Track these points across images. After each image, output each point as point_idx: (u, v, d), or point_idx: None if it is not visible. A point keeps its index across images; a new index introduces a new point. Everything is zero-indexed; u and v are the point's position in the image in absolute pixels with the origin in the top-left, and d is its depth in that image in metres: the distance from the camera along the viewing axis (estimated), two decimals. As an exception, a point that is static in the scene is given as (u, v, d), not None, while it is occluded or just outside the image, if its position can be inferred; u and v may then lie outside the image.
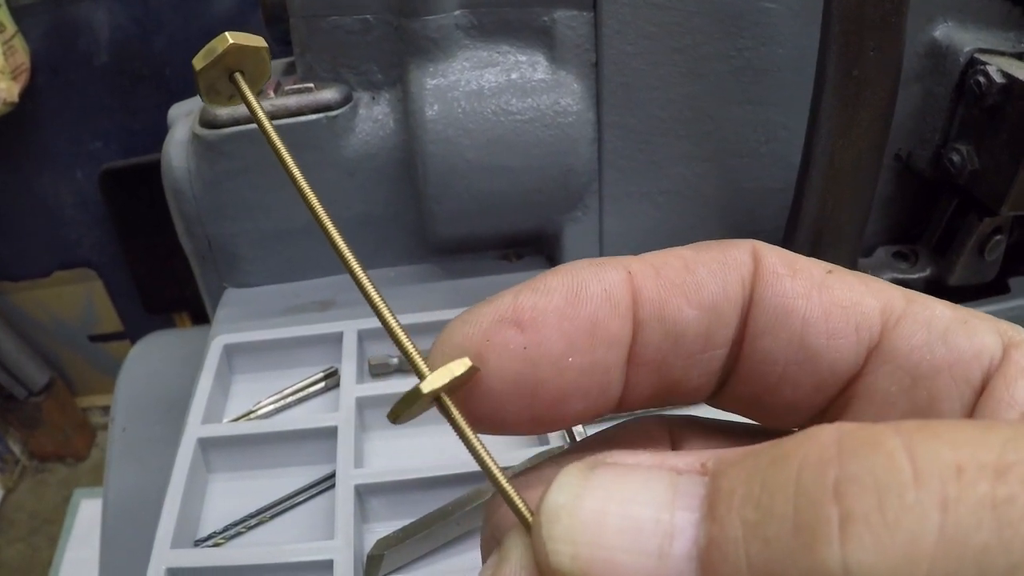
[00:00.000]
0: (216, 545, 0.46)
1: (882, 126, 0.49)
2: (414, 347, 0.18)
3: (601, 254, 0.62)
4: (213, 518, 0.48)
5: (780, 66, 0.54)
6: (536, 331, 0.18)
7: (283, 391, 0.55)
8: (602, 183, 0.58)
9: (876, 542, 0.12)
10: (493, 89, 0.55)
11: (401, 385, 0.53)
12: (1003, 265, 0.60)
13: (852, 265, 0.57)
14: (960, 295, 0.59)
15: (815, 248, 0.55)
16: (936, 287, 0.60)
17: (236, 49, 0.19)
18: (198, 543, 0.46)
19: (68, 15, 1.47)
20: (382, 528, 0.45)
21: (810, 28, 0.49)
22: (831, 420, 0.19)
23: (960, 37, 0.54)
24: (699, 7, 0.52)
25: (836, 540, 0.12)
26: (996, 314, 0.63)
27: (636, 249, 0.69)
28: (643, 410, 0.22)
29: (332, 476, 0.48)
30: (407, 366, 0.56)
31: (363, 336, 0.57)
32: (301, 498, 0.48)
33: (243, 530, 0.47)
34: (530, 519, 0.16)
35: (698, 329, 0.19)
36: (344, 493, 0.45)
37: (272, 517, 0.48)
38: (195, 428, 0.50)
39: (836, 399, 0.19)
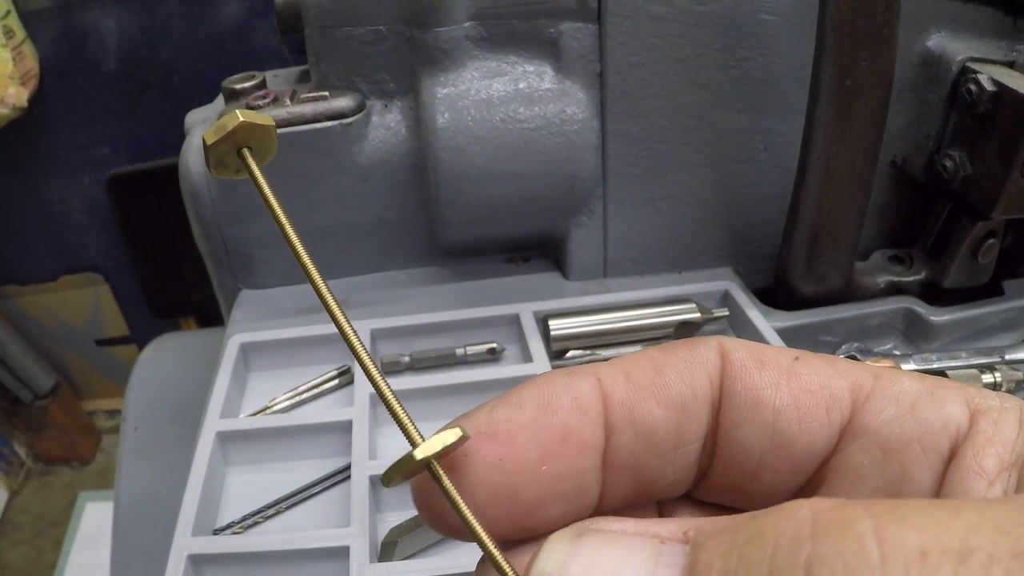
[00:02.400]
0: (235, 534, 0.48)
1: (875, 133, 0.51)
2: (408, 417, 0.19)
3: (606, 257, 0.64)
4: (231, 509, 0.50)
5: (778, 76, 0.56)
6: (511, 443, 0.19)
7: (298, 388, 0.57)
8: (606, 188, 0.60)
9: None
10: (502, 98, 0.56)
11: (412, 383, 0.55)
12: (997, 268, 0.61)
13: (849, 267, 0.59)
14: (955, 297, 0.61)
15: (812, 251, 0.56)
16: (931, 290, 0.62)
17: (246, 127, 0.20)
18: (217, 532, 0.48)
19: (77, 22, 1.49)
20: (395, 517, 0.47)
21: (807, 39, 0.50)
22: (808, 496, 0.20)
23: (953, 46, 0.56)
24: (700, 19, 0.54)
25: None
26: (990, 316, 0.64)
27: (640, 252, 0.71)
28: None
29: (347, 468, 0.49)
30: (418, 365, 0.57)
31: (376, 335, 0.59)
32: (317, 489, 0.50)
33: (260, 520, 0.48)
34: None
35: (668, 428, 0.20)
36: (359, 483, 0.47)
37: (289, 507, 0.49)
38: (213, 422, 0.52)
39: (813, 476, 0.20)
